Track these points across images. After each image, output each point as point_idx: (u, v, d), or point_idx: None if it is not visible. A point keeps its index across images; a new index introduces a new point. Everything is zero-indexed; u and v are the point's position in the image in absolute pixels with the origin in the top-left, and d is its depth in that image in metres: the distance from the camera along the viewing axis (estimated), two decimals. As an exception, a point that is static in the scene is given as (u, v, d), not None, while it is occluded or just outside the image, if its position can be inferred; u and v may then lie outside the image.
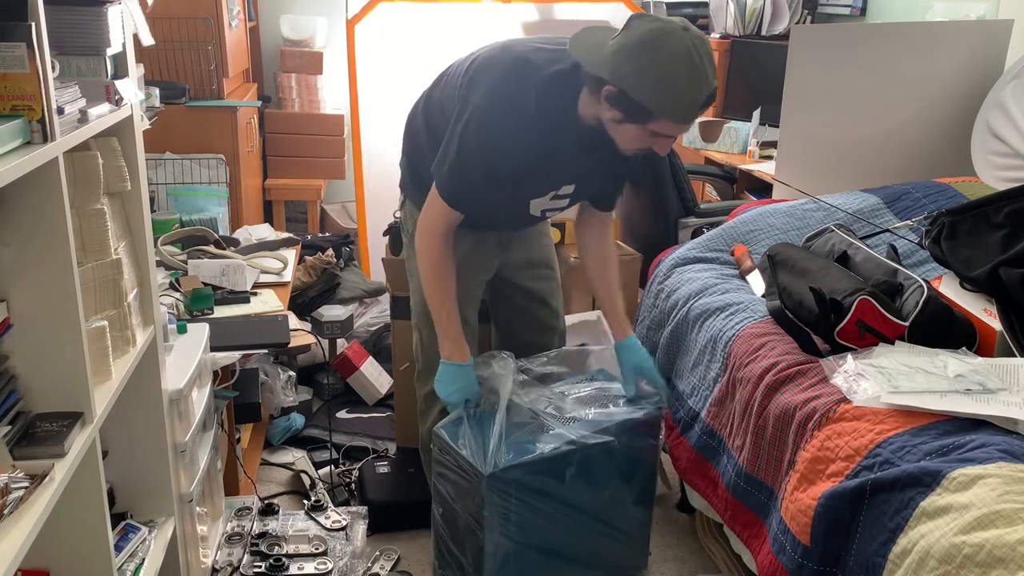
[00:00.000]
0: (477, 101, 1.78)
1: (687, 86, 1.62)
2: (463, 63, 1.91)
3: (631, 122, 1.70)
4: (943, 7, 3.44)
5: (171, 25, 3.32)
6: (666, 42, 1.60)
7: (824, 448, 1.60)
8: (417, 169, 2.05)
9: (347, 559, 2.15)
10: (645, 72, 1.62)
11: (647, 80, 1.62)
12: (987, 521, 1.26)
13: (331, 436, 2.76)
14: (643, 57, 1.61)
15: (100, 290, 1.49)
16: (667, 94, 1.63)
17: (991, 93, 2.88)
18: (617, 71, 1.64)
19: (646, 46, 1.61)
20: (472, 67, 1.86)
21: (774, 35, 4.10)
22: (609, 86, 1.66)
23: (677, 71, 1.61)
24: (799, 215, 2.55)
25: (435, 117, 1.97)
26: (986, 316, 1.85)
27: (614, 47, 1.65)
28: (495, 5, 3.85)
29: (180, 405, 1.82)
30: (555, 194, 1.97)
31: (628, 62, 1.63)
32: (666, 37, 1.61)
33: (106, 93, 1.48)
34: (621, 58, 1.63)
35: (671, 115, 1.67)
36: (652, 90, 1.63)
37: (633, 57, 1.62)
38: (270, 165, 4.22)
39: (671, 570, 2.30)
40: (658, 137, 1.73)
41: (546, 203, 1.99)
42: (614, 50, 1.65)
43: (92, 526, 1.43)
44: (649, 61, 1.61)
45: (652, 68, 1.61)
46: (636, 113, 1.67)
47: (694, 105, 1.66)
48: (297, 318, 2.77)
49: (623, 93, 1.65)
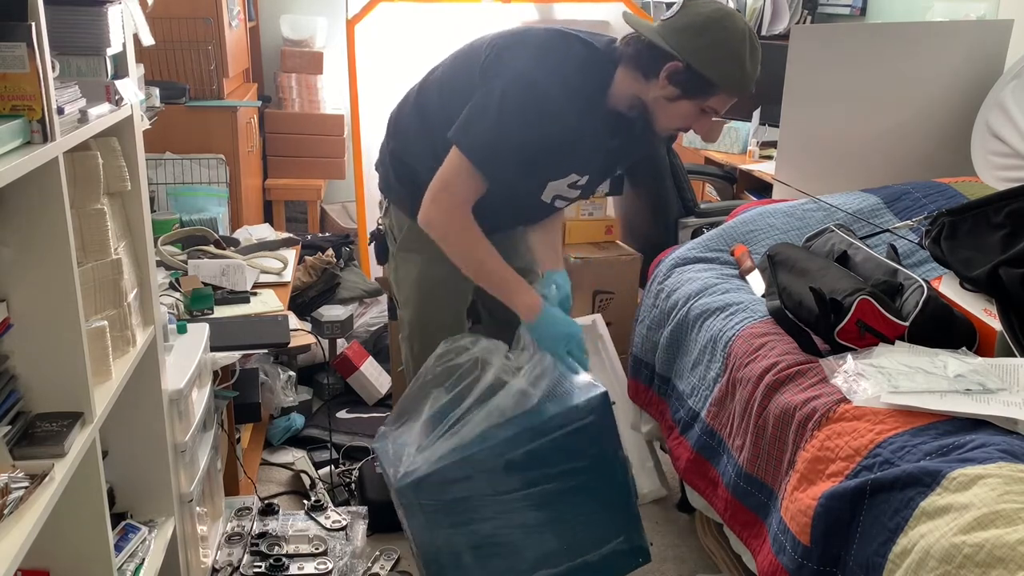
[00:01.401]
0: (517, 69, 1.79)
1: (749, 61, 1.77)
2: (481, 42, 1.90)
3: (689, 97, 1.79)
4: (943, 7, 3.44)
5: (171, 25, 3.32)
6: (731, 21, 1.75)
7: (824, 448, 1.60)
8: (406, 164, 2.01)
9: (347, 559, 2.15)
10: (716, 47, 1.74)
11: (718, 54, 1.74)
12: (987, 521, 1.26)
13: (331, 436, 2.76)
14: (713, 34, 1.74)
15: (100, 290, 1.49)
16: (735, 68, 1.76)
17: (991, 93, 2.88)
18: (686, 47, 1.74)
19: (715, 25, 1.74)
20: (501, 41, 1.86)
21: (774, 35, 4.10)
22: (675, 62, 1.75)
23: (743, 47, 1.75)
24: (799, 215, 2.55)
25: (431, 99, 1.95)
26: (986, 316, 1.85)
27: (676, 25, 1.76)
28: (495, 5, 3.85)
29: (180, 405, 1.82)
30: (573, 181, 1.96)
31: (697, 38, 1.74)
32: (730, 17, 1.76)
33: (106, 93, 1.48)
34: (689, 34, 1.74)
35: (735, 87, 1.78)
36: (721, 64, 1.75)
37: (701, 33, 1.74)
38: (270, 165, 4.22)
39: (671, 570, 2.30)
40: (705, 114, 1.83)
41: (563, 189, 1.97)
42: (679, 28, 1.75)
43: (92, 526, 1.43)
44: (719, 37, 1.74)
45: (723, 44, 1.74)
46: (699, 87, 1.77)
47: (752, 78, 1.79)
48: (297, 318, 2.77)
49: (689, 68, 1.75)
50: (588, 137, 1.87)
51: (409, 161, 2.00)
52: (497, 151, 1.80)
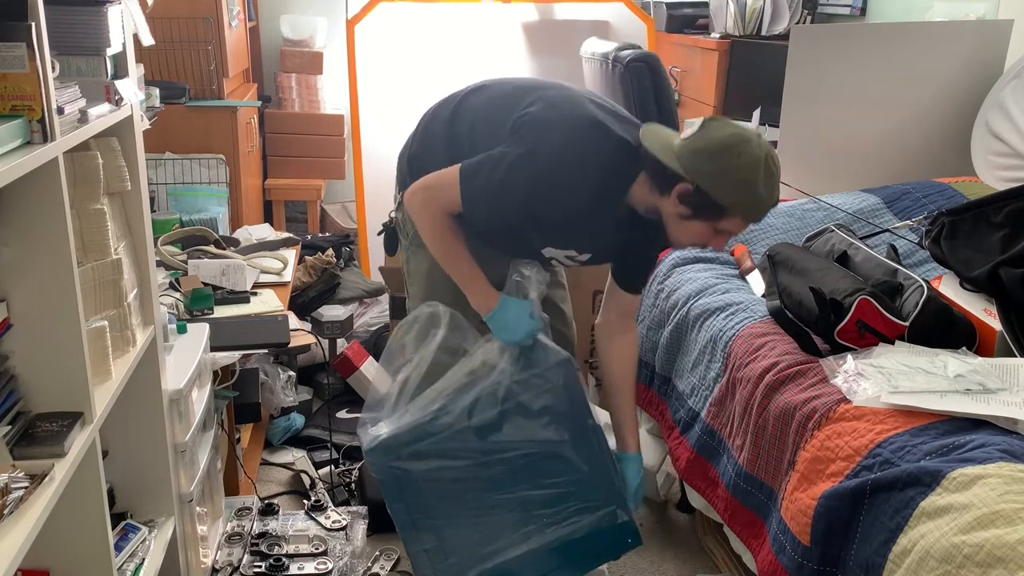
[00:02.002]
0: (541, 146, 1.78)
1: (764, 189, 1.72)
2: (518, 90, 1.90)
3: (700, 219, 1.76)
4: (943, 7, 3.44)
5: (171, 25, 3.32)
6: (746, 148, 1.69)
7: (824, 448, 1.60)
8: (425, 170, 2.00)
9: (347, 559, 2.15)
10: (727, 174, 1.70)
11: (729, 182, 1.70)
12: (987, 521, 1.26)
13: (331, 436, 2.76)
14: (725, 160, 1.69)
15: (100, 290, 1.49)
16: (747, 196, 1.72)
17: (991, 93, 2.88)
18: (697, 171, 1.71)
19: (729, 151, 1.69)
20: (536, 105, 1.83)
21: (774, 35, 4.09)
22: (686, 184, 1.72)
23: (757, 175, 1.70)
24: (799, 215, 2.55)
25: (462, 130, 1.95)
26: (986, 316, 1.85)
27: (691, 147, 1.72)
28: (495, 5, 3.85)
29: (180, 405, 1.82)
30: (572, 256, 1.99)
31: (709, 162, 1.70)
32: (747, 143, 1.70)
33: (106, 93, 1.49)
34: (702, 158, 1.71)
35: (746, 216, 1.76)
36: (733, 192, 1.71)
37: (714, 158, 1.70)
38: (270, 165, 4.22)
39: (671, 570, 2.30)
40: (720, 234, 1.80)
41: (560, 257, 2.00)
42: (693, 151, 1.72)
43: (92, 526, 1.43)
44: (732, 163, 1.69)
45: (736, 171, 1.69)
46: (709, 211, 1.74)
47: (767, 206, 1.76)
48: (297, 318, 2.77)
49: (700, 191, 1.71)
50: (596, 226, 1.89)
51: (428, 169, 2.02)
52: (490, 205, 1.82)
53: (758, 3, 4.11)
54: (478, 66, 3.85)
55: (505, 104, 1.90)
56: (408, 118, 2.13)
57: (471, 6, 3.83)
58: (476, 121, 1.94)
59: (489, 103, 1.95)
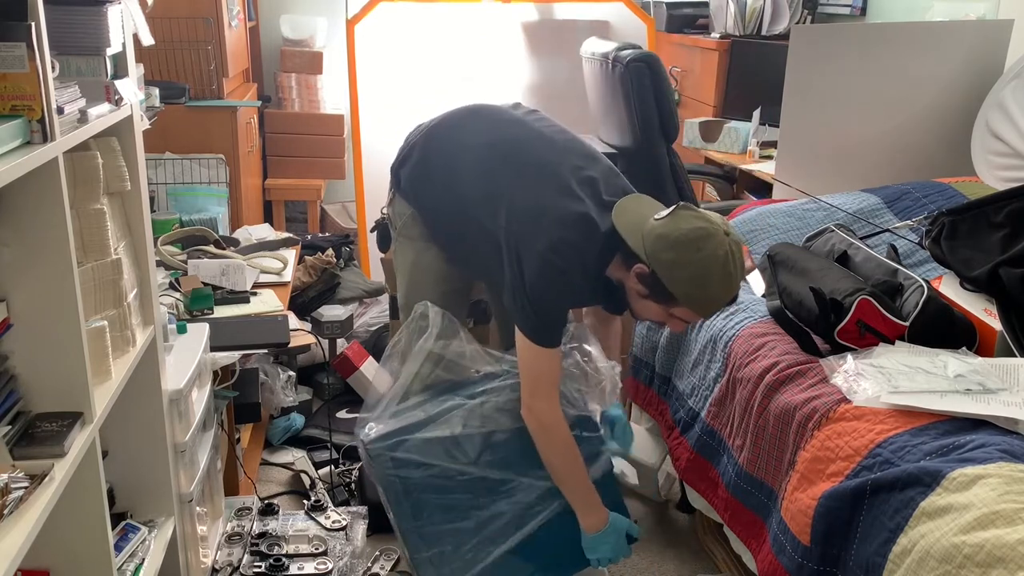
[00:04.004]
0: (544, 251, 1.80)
1: (717, 288, 1.73)
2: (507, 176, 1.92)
3: (654, 301, 1.80)
4: (943, 7, 3.44)
5: (171, 25, 3.32)
6: (708, 244, 1.70)
7: (824, 448, 1.60)
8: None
9: (347, 559, 2.15)
10: (682, 267, 1.71)
11: (682, 274, 1.72)
12: (987, 521, 1.26)
13: (331, 436, 2.76)
14: (683, 252, 1.71)
15: (100, 290, 1.49)
16: (698, 291, 1.73)
17: (991, 93, 2.88)
18: (655, 256, 1.73)
19: (688, 244, 1.71)
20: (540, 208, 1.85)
21: (774, 35, 4.09)
22: (643, 265, 1.75)
23: (711, 273, 1.71)
24: (799, 215, 2.55)
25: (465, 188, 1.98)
26: (986, 316, 1.85)
27: (657, 231, 1.74)
28: (495, 5, 3.85)
29: (180, 405, 1.82)
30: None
31: (667, 251, 1.72)
32: (709, 240, 1.70)
33: (106, 93, 1.48)
34: (661, 246, 1.72)
35: (696, 309, 1.78)
36: (684, 284, 1.73)
37: (672, 248, 1.71)
38: (270, 165, 4.22)
39: (671, 570, 2.30)
40: (675, 319, 1.83)
41: None
42: (656, 236, 1.73)
43: (92, 526, 1.43)
44: (688, 258, 1.71)
45: (690, 265, 1.71)
46: (662, 296, 1.77)
47: (718, 305, 1.79)
48: (297, 318, 2.77)
49: (655, 276, 1.74)
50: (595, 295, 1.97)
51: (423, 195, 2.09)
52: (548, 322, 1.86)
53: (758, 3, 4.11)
54: (478, 66, 3.85)
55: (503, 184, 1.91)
56: (408, 118, 2.14)
57: (471, 6, 3.83)
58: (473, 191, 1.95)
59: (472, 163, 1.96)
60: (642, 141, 2.76)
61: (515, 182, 1.90)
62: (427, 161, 2.04)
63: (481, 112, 2.06)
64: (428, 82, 3.75)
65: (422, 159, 2.05)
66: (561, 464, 1.91)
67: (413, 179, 2.08)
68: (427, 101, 2.14)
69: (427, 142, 2.06)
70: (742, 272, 1.76)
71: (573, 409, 1.97)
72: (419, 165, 2.06)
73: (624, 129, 2.84)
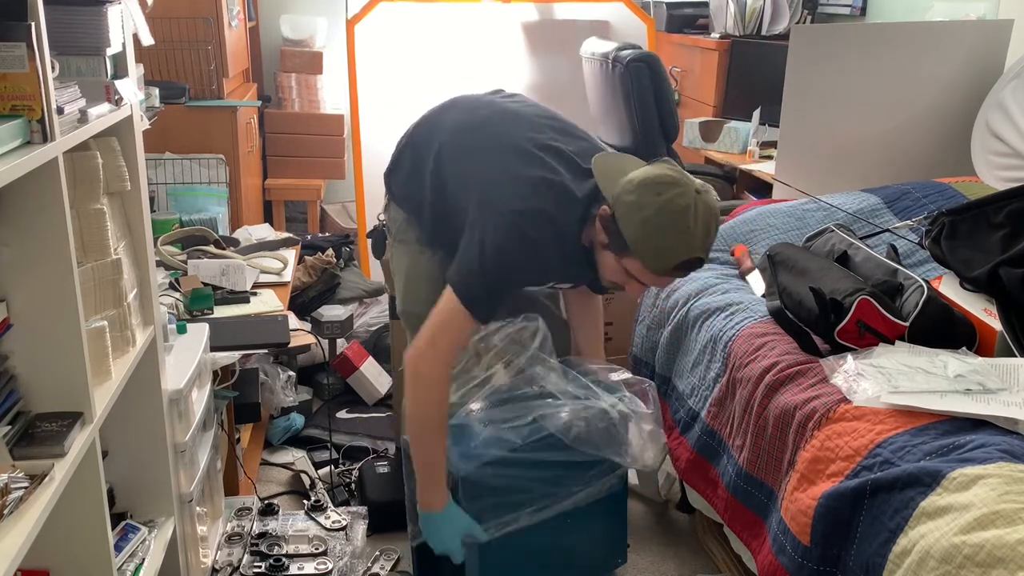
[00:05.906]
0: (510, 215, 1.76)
1: (670, 238, 1.65)
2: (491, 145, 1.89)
3: (611, 250, 1.74)
4: (943, 7, 3.44)
5: (171, 25, 3.32)
6: (669, 190, 1.64)
7: (824, 448, 1.60)
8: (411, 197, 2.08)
9: (347, 559, 2.15)
10: (638, 208, 1.65)
11: (636, 216, 1.66)
12: (987, 521, 1.26)
13: (331, 436, 2.76)
14: (643, 194, 1.66)
15: (100, 290, 1.49)
16: (648, 237, 1.66)
17: (991, 93, 2.88)
18: (619, 198, 1.68)
19: (650, 186, 1.66)
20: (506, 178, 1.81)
21: (774, 35, 4.09)
22: (605, 207, 1.71)
23: (667, 221, 1.64)
24: (799, 215, 2.55)
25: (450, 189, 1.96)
26: (986, 316, 1.85)
27: (628, 176, 1.70)
28: (495, 5, 3.85)
29: (180, 405, 1.82)
30: (551, 285, 2.09)
31: (630, 193, 1.67)
32: (672, 187, 1.65)
33: (106, 93, 1.48)
34: (627, 187, 1.68)
35: (644, 259, 1.69)
36: (636, 226, 1.66)
37: (635, 190, 1.66)
38: (270, 165, 4.22)
39: (671, 570, 2.30)
40: (630, 278, 1.76)
41: (544, 289, 2.11)
42: (627, 179, 1.69)
43: (92, 526, 1.43)
44: (646, 200, 1.65)
45: (646, 207, 1.65)
46: (618, 243, 1.71)
47: (670, 259, 1.68)
48: (297, 318, 2.77)
49: (613, 219, 1.69)
50: (571, 268, 1.91)
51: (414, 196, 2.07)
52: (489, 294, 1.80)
53: (758, 3, 4.11)
54: (478, 66, 3.85)
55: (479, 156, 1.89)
56: (408, 118, 2.13)
57: (471, 6, 3.83)
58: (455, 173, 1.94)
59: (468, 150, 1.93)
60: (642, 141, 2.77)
61: (482, 157, 1.86)
62: (412, 160, 2.03)
63: (457, 103, 2.05)
64: (428, 82, 3.74)
65: (408, 159, 2.05)
66: (419, 419, 1.84)
67: (402, 182, 2.08)
68: (427, 101, 2.13)
69: (410, 140, 2.06)
70: (707, 236, 1.67)
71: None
72: (406, 166, 2.05)
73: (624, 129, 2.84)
